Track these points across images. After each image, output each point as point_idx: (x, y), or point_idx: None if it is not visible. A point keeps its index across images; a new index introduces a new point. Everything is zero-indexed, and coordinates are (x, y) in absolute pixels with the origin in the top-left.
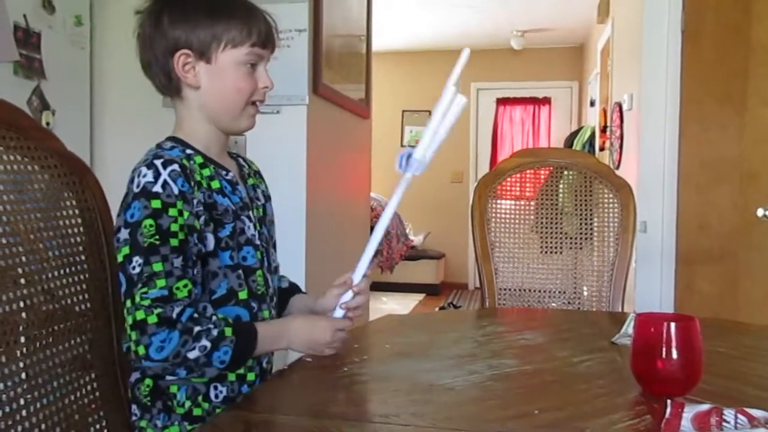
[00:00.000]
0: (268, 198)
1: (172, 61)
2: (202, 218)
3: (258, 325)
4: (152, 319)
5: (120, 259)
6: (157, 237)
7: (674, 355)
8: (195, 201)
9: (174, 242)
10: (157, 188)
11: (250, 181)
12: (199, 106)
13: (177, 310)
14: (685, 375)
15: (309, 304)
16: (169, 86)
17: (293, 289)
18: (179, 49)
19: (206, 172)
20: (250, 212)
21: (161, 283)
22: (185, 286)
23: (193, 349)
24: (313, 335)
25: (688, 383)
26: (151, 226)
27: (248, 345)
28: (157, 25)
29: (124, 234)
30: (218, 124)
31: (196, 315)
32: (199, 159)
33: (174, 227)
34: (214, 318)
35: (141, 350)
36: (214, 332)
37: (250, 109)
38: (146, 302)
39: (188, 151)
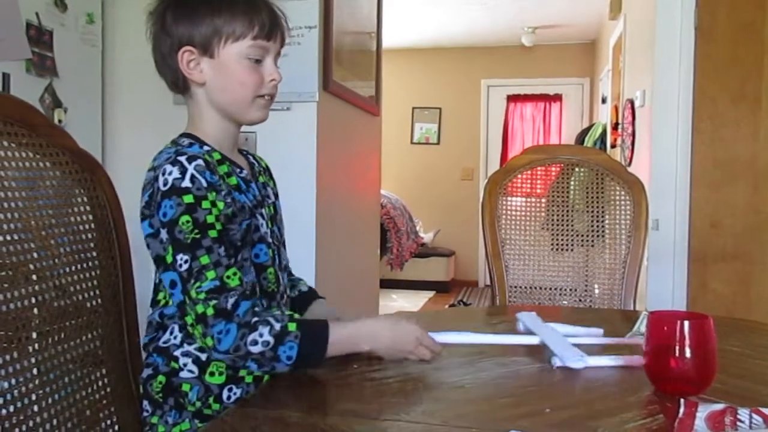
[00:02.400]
0: (277, 196)
1: (177, 58)
2: (231, 209)
3: (334, 326)
4: (210, 311)
5: (169, 260)
6: (197, 231)
7: (688, 354)
8: (224, 192)
9: (213, 233)
10: (186, 183)
11: (261, 179)
12: (208, 102)
13: (231, 300)
14: (698, 374)
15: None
16: (178, 84)
17: (312, 294)
18: (183, 46)
19: (223, 168)
20: (263, 210)
21: (211, 274)
22: (234, 274)
23: (255, 343)
24: (398, 339)
25: (702, 383)
26: (187, 221)
27: (317, 343)
28: (162, 24)
29: (164, 234)
30: (229, 116)
31: (256, 308)
32: (216, 155)
33: (210, 219)
34: (276, 312)
35: (209, 342)
36: (277, 326)
37: (260, 101)
38: (202, 296)
39: (206, 148)
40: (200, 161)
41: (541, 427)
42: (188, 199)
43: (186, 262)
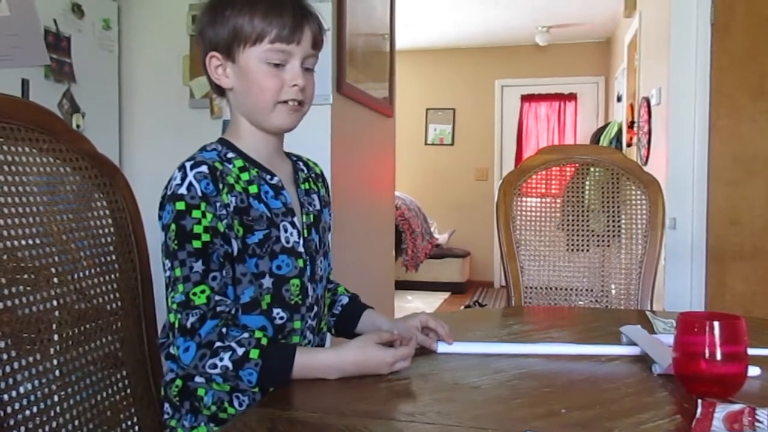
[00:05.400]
0: (326, 204)
1: (206, 64)
2: (225, 221)
3: (303, 352)
4: (177, 324)
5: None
6: (177, 242)
7: (719, 356)
8: (218, 204)
9: (197, 244)
10: (183, 190)
11: (304, 186)
12: (236, 108)
13: (192, 319)
14: (730, 376)
15: (379, 324)
16: (214, 87)
17: (354, 306)
18: (210, 51)
19: (245, 176)
20: (295, 218)
21: (181, 288)
22: (203, 291)
23: (215, 366)
24: (365, 367)
25: (733, 385)
26: (174, 230)
27: (280, 370)
28: (197, 28)
29: (162, 237)
30: (254, 123)
31: (222, 330)
32: (239, 162)
33: (197, 229)
34: (245, 335)
35: (174, 351)
36: (239, 351)
37: (282, 107)
38: (174, 306)
39: (229, 155)
40: (203, 168)
41: (556, 428)
42: (180, 206)
43: (169, 269)
